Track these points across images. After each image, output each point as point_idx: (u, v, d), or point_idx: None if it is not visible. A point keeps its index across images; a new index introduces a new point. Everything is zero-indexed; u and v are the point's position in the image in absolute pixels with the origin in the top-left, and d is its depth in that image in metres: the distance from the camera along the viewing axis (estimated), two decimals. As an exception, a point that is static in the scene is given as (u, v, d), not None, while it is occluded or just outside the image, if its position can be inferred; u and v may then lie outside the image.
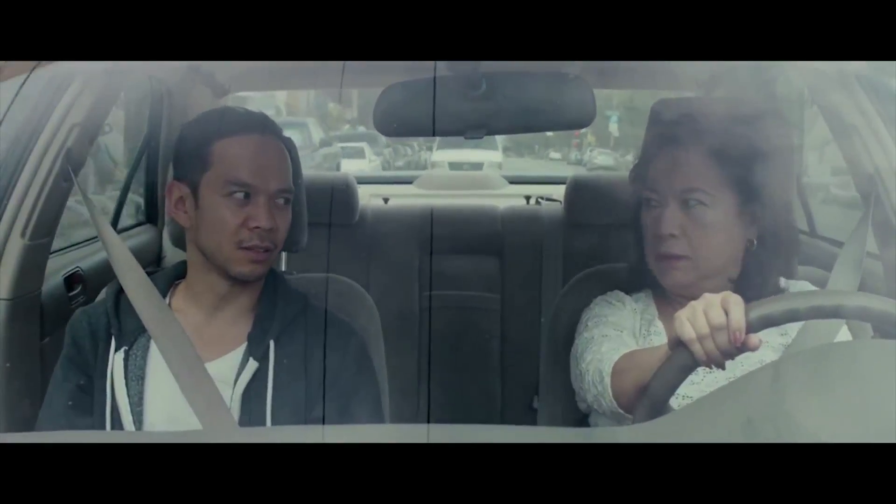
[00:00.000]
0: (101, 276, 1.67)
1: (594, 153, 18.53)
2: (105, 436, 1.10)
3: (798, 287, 1.29)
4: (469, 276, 2.38)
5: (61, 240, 1.71)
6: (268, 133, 1.24)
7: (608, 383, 1.13)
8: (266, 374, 1.20)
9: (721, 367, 0.95)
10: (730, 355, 0.94)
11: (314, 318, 1.27)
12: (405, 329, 2.30)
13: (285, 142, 1.27)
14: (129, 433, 1.14)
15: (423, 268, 2.38)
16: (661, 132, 1.33)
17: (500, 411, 2.32)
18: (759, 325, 0.92)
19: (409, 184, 3.63)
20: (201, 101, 2.08)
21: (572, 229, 2.33)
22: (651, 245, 1.27)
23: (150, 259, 2.18)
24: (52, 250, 1.51)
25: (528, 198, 2.81)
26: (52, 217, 1.41)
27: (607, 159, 17.10)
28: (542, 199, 2.72)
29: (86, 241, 1.90)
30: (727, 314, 0.93)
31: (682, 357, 0.95)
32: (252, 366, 1.19)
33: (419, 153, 14.79)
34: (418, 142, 13.67)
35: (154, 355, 1.18)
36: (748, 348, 0.92)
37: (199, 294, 1.25)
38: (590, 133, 17.84)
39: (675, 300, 1.26)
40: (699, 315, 0.94)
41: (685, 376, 0.96)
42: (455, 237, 2.44)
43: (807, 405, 0.77)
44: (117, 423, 1.17)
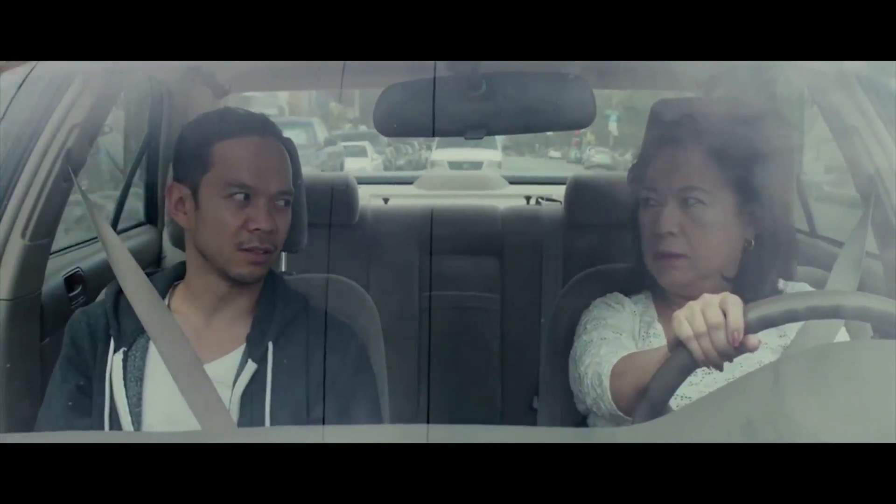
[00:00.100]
0: (101, 277, 1.67)
1: (592, 151, 18.62)
2: (104, 436, 1.10)
3: (796, 289, 1.29)
4: (469, 276, 2.37)
5: (67, 236, 1.71)
6: (268, 134, 1.24)
7: (607, 386, 1.13)
8: (265, 375, 1.20)
9: (719, 368, 0.95)
10: (728, 356, 0.93)
11: (313, 320, 1.27)
12: (405, 329, 2.29)
13: (285, 143, 1.27)
14: (129, 433, 1.14)
15: (423, 268, 2.37)
16: (661, 132, 1.33)
17: (500, 411, 2.32)
18: (758, 325, 0.92)
19: (410, 184, 3.63)
20: (202, 101, 2.07)
21: (572, 230, 2.33)
22: (649, 244, 1.26)
23: (150, 260, 2.18)
24: (53, 250, 1.51)
25: (528, 198, 2.81)
26: (52, 217, 1.40)
27: (605, 157, 17.23)
28: (543, 199, 2.72)
29: (85, 241, 1.90)
30: (725, 314, 0.92)
31: (681, 358, 0.95)
32: (251, 367, 1.19)
33: (420, 152, 14.81)
34: (419, 141, 13.68)
35: (153, 356, 1.18)
36: (747, 349, 0.92)
37: (198, 295, 1.25)
38: (589, 132, 17.88)
39: (675, 302, 1.25)
40: (697, 314, 0.94)
41: (684, 377, 0.96)
42: (455, 237, 2.43)
43: (806, 405, 0.77)
44: (116, 424, 1.17)
